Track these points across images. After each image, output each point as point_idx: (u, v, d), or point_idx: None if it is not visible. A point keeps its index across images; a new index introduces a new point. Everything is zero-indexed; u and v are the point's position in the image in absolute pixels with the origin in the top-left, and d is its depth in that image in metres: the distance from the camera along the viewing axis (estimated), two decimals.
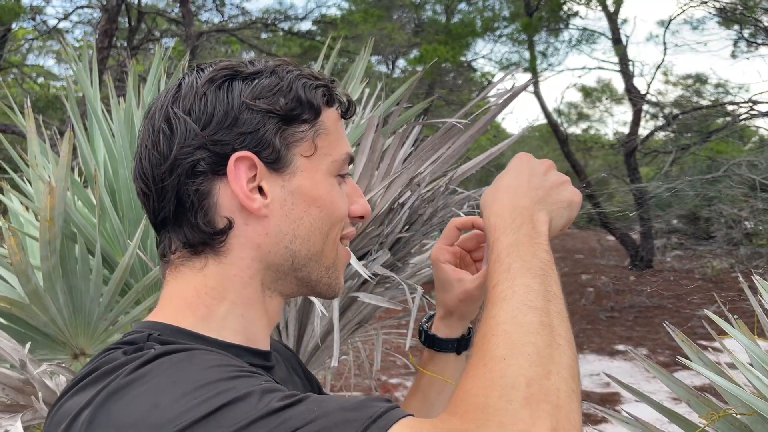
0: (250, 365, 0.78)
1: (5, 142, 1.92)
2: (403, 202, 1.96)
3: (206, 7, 14.69)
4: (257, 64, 0.83)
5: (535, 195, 0.84)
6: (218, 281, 0.82)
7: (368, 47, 2.19)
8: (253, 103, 0.80)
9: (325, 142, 0.84)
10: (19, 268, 1.62)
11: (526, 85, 1.84)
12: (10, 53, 13.20)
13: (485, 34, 15.42)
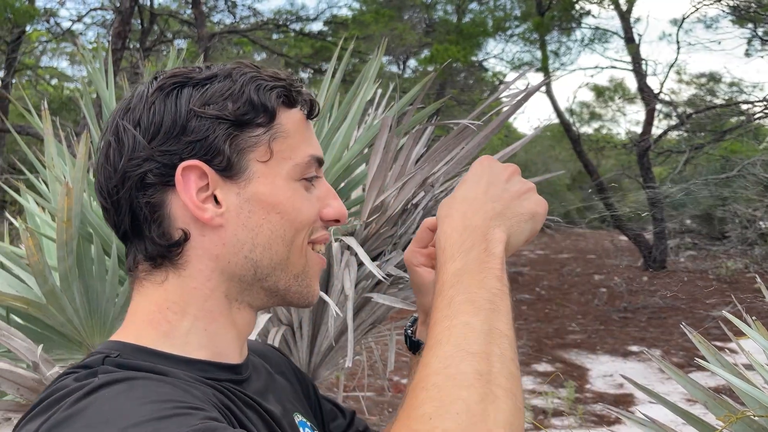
0: (216, 381, 0.77)
1: (22, 144, 1.94)
2: (416, 203, 1.96)
3: (218, 9, 14.76)
4: (212, 68, 0.80)
5: (491, 209, 0.77)
6: (179, 295, 0.80)
7: (381, 48, 2.19)
8: (202, 109, 0.77)
9: (283, 146, 0.81)
10: (37, 268, 1.63)
11: (541, 84, 1.83)
12: (24, 55, 13.32)
13: (496, 34, 15.39)
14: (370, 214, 1.90)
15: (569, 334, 8.10)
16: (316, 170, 0.83)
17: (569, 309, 9.63)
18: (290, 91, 0.83)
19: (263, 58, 15.86)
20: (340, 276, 1.86)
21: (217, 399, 0.73)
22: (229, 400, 0.76)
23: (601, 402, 5.56)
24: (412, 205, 1.95)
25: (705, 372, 1.43)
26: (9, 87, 11.16)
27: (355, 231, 1.91)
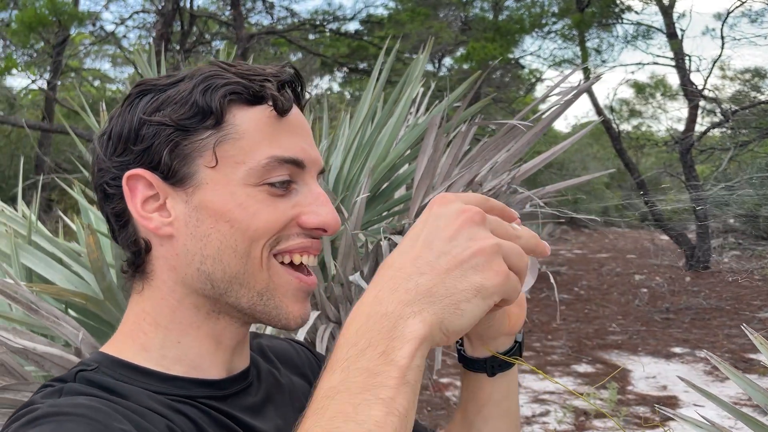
0: (192, 399, 0.75)
1: (79, 144, 2.00)
2: None
3: (256, 10, 14.92)
4: (180, 74, 0.78)
5: (414, 287, 0.57)
6: (151, 305, 0.78)
7: (428, 47, 2.19)
8: (149, 117, 0.75)
9: (234, 149, 0.75)
10: (96, 265, 1.68)
11: (592, 82, 1.81)
12: (69, 58, 13.67)
13: (533, 31, 15.23)
14: (418, 212, 1.91)
15: (610, 335, 7.97)
16: (291, 173, 0.76)
17: (609, 309, 9.48)
18: (248, 89, 0.76)
19: (299, 59, 16.00)
20: None
21: (172, 427, 0.70)
22: (202, 420, 0.74)
23: (643, 404, 5.47)
24: None
25: (753, 375, 1.39)
26: (55, 89, 11.47)
27: (403, 229, 1.92)
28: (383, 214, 2.51)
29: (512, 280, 0.59)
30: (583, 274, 12.96)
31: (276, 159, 0.75)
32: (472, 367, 0.86)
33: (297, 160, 0.76)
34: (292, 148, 0.76)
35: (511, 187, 1.85)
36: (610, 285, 11.68)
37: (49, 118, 11.57)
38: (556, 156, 2.07)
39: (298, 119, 0.80)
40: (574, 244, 18.17)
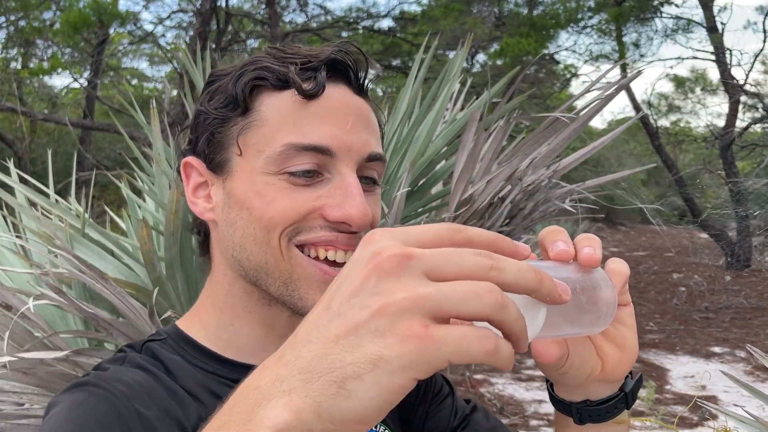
0: (236, 383, 0.78)
1: (129, 141, 2.06)
2: (503, 197, 1.97)
3: (290, 8, 15.05)
4: (240, 63, 0.78)
5: (295, 358, 0.44)
6: (211, 287, 0.82)
7: (468, 42, 2.21)
8: (200, 107, 0.79)
9: (257, 137, 0.75)
10: (148, 257, 1.74)
11: (634, 77, 1.81)
12: (109, 58, 13.98)
13: (569, 26, 15.04)
14: (457, 207, 1.93)
15: (647, 334, 7.86)
16: (319, 162, 0.73)
17: (646, 308, 9.35)
18: (274, 73, 0.74)
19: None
20: None
21: (203, 416, 0.70)
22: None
23: (680, 404, 5.39)
24: (498, 198, 1.97)
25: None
26: (96, 88, 11.75)
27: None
28: (419, 210, 2.53)
29: (443, 342, 0.40)
30: None
31: (293, 146, 0.72)
32: (558, 407, 0.74)
33: (320, 147, 0.72)
34: (315, 135, 0.72)
35: (551, 181, 1.86)
36: (647, 283, 11.50)
37: (90, 116, 11.87)
38: (592, 153, 2.07)
39: (336, 103, 0.75)
40: (610, 242, 17.92)
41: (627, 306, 0.68)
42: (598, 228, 19.20)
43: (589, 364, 0.66)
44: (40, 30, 7.99)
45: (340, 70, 0.77)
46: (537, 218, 1.97)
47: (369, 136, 0.77)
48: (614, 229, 21.09)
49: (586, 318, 0.56)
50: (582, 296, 0.55)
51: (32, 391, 1.69)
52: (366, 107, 0.79)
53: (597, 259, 0.59)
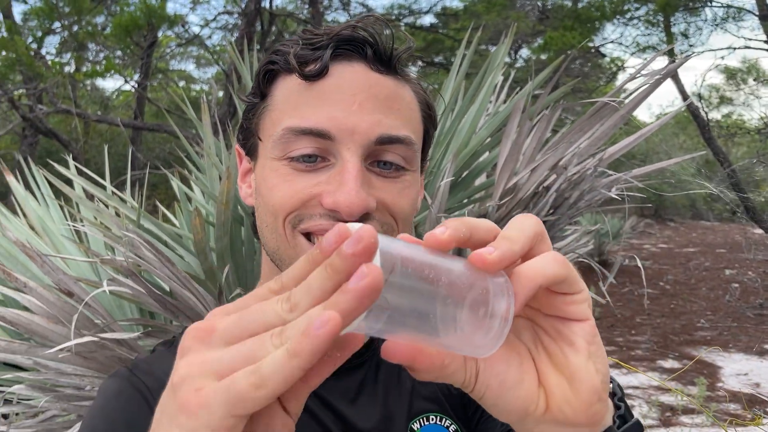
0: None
1: (182, 137, 2.13)
2: (548, 186, 1.97)
3: (333, 7, 15.16)
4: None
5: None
6: (261, 267, 0.83)
7: (510, 34, 2.21)
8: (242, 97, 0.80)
9: (268, 123, 0.74)
10: (200, 246, 1.80)
11: (681, 63, 1.78)
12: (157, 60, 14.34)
13: (614, 18, 14.74)
14: (502, 196, 1.93)
15: (698, 331, 7.67)
16: (321, 147, 0.69)
17: (697, 305, 9.11)
18: (283, 56, 0.72)
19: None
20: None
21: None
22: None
23: (732, 402, 5.25)
24: (543, 188, 1.96)
25: None
26: (146, 90, 12.07)
27: (487, 213, 1.95)
28: (464, 201, 2.54)
29: (214, 398, 0.38)
30: (668, 268, 12.49)
31: (290, 131, 0.70)
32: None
33: (317, 131, 0.69)
34: (313, 118, 0.69)
35: (597, 170, 1.85)
36: (699, 280, 11.21)
37: (140, 117, 12.22)
38: (639, 146, 2.04)
39: (344, 83, 0.70)
40: (659, 238, 17.50)
41: (578, 322, 0.48)
42: (646, 224, 18.77)
43: (520, 393, 0.49)
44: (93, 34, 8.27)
45: (355, 47, 0.72)
46: (582, 208, 1.95)
47: (383, 115, 0.70)
48: (663, 225, 20.57)
49: (455, 328, 0.44)
50: (448, 299, 0.43)
51: (92, 374, 1.77)
52: (387, 84, 0.73)
53: (487, 262, 0.44)
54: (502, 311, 0.44)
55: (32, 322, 1.68)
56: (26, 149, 11.02)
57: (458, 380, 0.48)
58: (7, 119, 12.11)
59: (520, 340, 0.51)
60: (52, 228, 2.11)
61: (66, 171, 2.13)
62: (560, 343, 0.49)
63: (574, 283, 0.47)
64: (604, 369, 0.48)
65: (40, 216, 2.11)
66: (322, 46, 0.71)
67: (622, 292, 9.64)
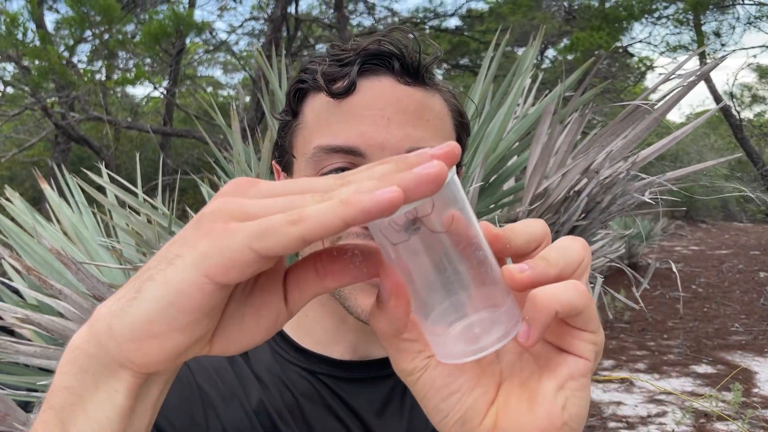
0: (311, 373, 0.77)
1: (211, 143, 2.15)
2: (579, 190, 1.94)
3: (358, 12, 15.21)
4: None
5: (122, 289, 0.40)
6: None
7: (539, 36, 2.19)
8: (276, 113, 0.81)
9: (300, 141, 0.75)
10: None
11: (716, 64, 1.75)
12: (184, 67, 14.53)
13: (643, 17, 14.54)
14: (532, 201, 1.91)
15: (732, 335, 7.51)
16: (351, 162, 0.69)
17: (731, 308, 8.92)
18: (312, 74, 0.73)
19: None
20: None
21: (264, 403, 0.74)
22: (315, 396, 0.76)
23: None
24: (574, 192, 1.94)
25: None
26: (174, 96, 12.24)
27: (516, 218, 1.93)
28: (491, 206, 2.52)
29: (239, 230, 0.35)
30: (701, 271, 12.26)
31: (322, 149, 0.70)
32: None
33: (347, 148, 0.69)
34: (344, 135, 0.70)
35: (629, 173, 1.82)
36: (732, 282, 10.98)
37: (169, 123, 12.39)
38: (669, 147, 2.00)
39: (372, 98, 0.71)
40: (691, 240, 17.19)
41: (575, 357, 0.45)
42: (677, 225, 18.47)
43: (466, 401, 0.46)
44: (123, 42, 8.42)
45: (382, 61, 0.72)
46: (615, 212, 1.93)
47: (412, 128, 0.71)
48: (695, 227, 20.20)
49: (451, 318, 0.42)
50: (467, 287, 0.41)
51: None
52: (416, 96, 0.73)
53: (515, 280, 0.41)
54: (498, 335, 0.41)
55: (67, 328, 1.70)
56: (59, 156, 11.25)
57: (402, 362, 0.46)
58: (40, 126, 12.38)
59: (497, 359, 0.48)
60: (86, 235, 2.14)
61: (98, 179, 2.16)
62: (542, 369, 0.45)
63: (590, 320, 0.43)
64: (576, 414, 0.44)
65: (74, 223, 2.14)
66: (349, 63, 0.71)
67: (654, 296, 9.48)
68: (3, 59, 7.74)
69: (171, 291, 0.36)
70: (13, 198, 2.20)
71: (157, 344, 0.37)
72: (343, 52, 0.73)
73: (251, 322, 0.41)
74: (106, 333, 0.38)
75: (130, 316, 0.37)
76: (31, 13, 7.57)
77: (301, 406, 0.75)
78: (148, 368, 0.38)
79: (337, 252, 0.41)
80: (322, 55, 0.75)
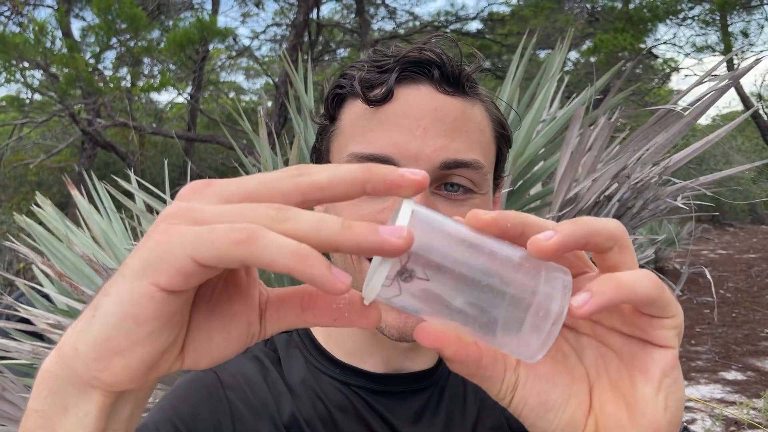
0: (345, 384, 0.76)
1: (237, 148, 2.16)
2: (610, 195, 1.91)
3: (379, 16, 15.25)
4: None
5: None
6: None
7: (567, 40, 2.16)
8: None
9: (336, 146, 0.75)
10: None
11: (751, 66, 1.71)
12: (208, 73, 14.69)
13: (667, 18, 14.37)
14: (562, 206, 1.89)
15: (762, 341, 7.36)
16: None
17: (761, 313, 8.75)
18: (350, 80, 0.73)
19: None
20: None
21: (296, 415, 0.74)
22: (348, 410, 0.75)
23: None
24: (605, 197, 1.91)
25: None
26: (198, 102, 12.38)
27: None
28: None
29: (182, 235, 0.34)
30: (729, 275, 12.05)
31: (355, 156, 0.69)
32: None
33: (380, 157, 0.68)
34: (377, 144, 0.69)
35: (661, 178, 1.79)
36: (761, 287, 10.77)
37: (193, 129, 12.53)
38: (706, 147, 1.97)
39: (409, 107, 0.70)
40: (718, 244, 16.91)
41: (660, 348, 0.44)
42: (704, 229, 18.19)
43: (563, 416, 0.45)
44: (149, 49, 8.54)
45: (421, 69, 0.71)
46: (647, 217, 1.89)
47: (449, 140, 0.69)
48: (722, 230, 19.87)
49: (495, 316, 0.40)
50: (491, 287, 0.39)
51: (158, 387, 1.80)
52: (455, 106, 0.71)
53: (541, 247, 0.39)
54: (555, 311, 0.40)
55: None
56: (85, 162, 11.42)
57: (493, 388, 0.45)
58: (66, 132, 12.59)
59: (579, 360, 0.47)
60: (115, 241, 2.17)
61: (126, 184, 2.18)
62: (631, 368, 0.44)
63: (668, 306, 0.42)
64: (676, 409, 0.43)
65: (103, 229, 2.16)
66: (388, 69, 0.70)
67: (681, 301, 9.34)
68: (31, 67, 7.89)
69: (123, 303, 0.35)
70: (44, 204, 2.23)
71: (122, 361, 0.36)
72: (383, 58, 0.72)
73: (220, 336, 0.40)
74: (72, 354, 0.37)
75: (91, 335, 0.36)
76: (58, 21, 7.71)
77: (335, 418, 0.75)
78: (117, 386, 0.37)
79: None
80: (362, 60, 0.75)
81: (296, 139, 1.73)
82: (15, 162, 12.54)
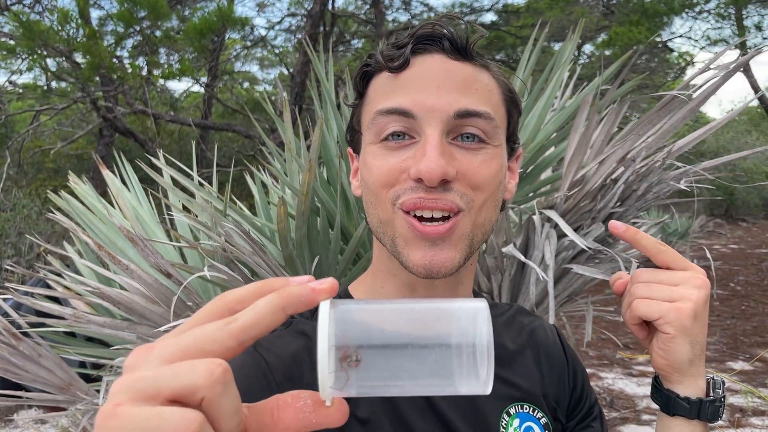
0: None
1: (265, 138, 2.27)
2: (616, 178, 2.00)
3: (394, 7, 15.28)
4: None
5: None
6: (372, 252, 0.89)
7: (579, 28, 2.25)
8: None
9: (366, 115, 0.83)
10: (282, 234, 1.93)
11: (754, 54, 1.79)
12: (223, 63, 14.80)
13: (683, 11, 14.29)
14: (570, 187, 1.99)
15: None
16: (406, 126, 0.77)
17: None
18: (373, 57, 0.83)
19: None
20: (540, 246, 1.97)
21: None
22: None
23: None
24: (611, 180, 2.00)
25: None
26: (214, 91, 12.50)
27: (555, 204, 2.00)
28: (529, 195, 2.59)
29: (129, 419, 0.37)
30: (740, 269, 12.04)
31: (378, 112, 0.78)
32: (656, 400, 0.85)
33: (400, 110, 0.76)
34: (397, 100, 0.77)
35: (665, 162, 1.88)
36: None
37: (208, 117, 12.67)
38: (709, 144, 2.05)
39: (424, 71, 0.79)
40: (730, 239, 16.86)
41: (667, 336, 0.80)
42: (716, 223, 18.12)
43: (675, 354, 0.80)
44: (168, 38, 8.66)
45: (433, 41, 0.80)
46: (651, 200, 1.98)
47: (460, 95, 0.77)
48: (735, 225, 19.77)
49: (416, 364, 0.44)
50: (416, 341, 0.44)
51: None
52: (465, 70, 0.80)
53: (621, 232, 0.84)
54: (478, 342, 0.44)
55: (133, 302, 1.84)
56: (102, 149, 11.60)
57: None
58: (84, 120, 12.76)
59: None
60: (145, 217, 2.29)
61: (156, 161, 2.30)
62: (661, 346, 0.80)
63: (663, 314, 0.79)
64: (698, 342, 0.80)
65: (134, 206, 2.29)
66: (404, 44, 0.80)
67: None
68: (52, 54, 8.03)
69: None
70: (78, 183, 2.35)
71: None
72: (400, 38, 0.83)
73: None
74: None
75: None
76: (80, 9, 7.85)
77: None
78: None
79: (291, 399, 0.45)
80: (381, 48, 0.86)
81: (318, 122, 1.83)
82: (34, 148, 12.74)
